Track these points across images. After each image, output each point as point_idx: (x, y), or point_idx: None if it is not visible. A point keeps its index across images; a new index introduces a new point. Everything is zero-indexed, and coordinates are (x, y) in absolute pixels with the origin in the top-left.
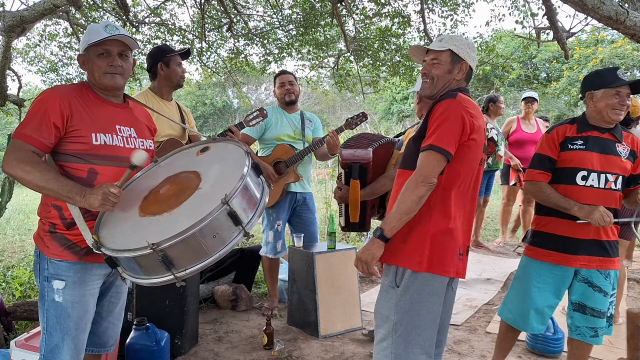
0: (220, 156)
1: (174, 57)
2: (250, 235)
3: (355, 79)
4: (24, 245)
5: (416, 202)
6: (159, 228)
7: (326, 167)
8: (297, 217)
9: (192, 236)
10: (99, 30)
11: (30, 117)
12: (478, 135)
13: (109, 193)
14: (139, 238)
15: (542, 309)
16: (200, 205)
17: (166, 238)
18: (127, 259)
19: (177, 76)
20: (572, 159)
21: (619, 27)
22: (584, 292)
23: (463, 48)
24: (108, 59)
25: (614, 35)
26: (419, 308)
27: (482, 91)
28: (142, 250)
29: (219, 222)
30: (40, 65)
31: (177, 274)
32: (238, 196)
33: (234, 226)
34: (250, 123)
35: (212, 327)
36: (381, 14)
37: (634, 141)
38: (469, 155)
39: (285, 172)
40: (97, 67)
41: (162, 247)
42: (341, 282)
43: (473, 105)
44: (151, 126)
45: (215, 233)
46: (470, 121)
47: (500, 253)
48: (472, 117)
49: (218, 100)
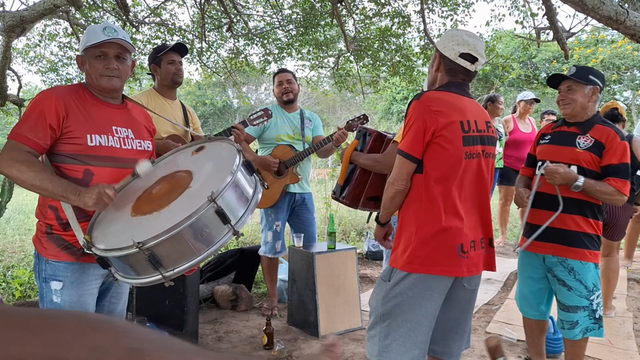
0: (213, 155)
1: (165, 55)
2: (240, 234)
3: (355, 79)
4: (24, 245)
5: (389, 200)
6: (147, 227)
7: (326, 167)
8: (295, 217)
9: (178, 234)
10: (97, 32)
11: (26, 117)
12: (448, 131)
13: (104, 193)
14: (128, 237)
15: (526, 294)
16: (189, 203)
17: (152, 236)
18: (116, 258)
19: (170, 74)
20: (539, 152)
21: (619, 27)
22: (554, 285)
23: (442, 39)
24: (105, 61)
25: (614, 35)
26: (411, 303)
27: (482, 91)
28: (128, 249)
29: (206, 220)
30: (40, 65)
31: (165, 274)
32: (226, 194)
33: (222, 225)
34: (254, 122)
35: (212, 327)
36: (381, 14)
37: (603, 133)
38: (443, 152)
39: (285, 172)
40: (94, 69)
41: (147, 245)
42: (341, 282)
43: (441, 102)
44: (150, 127)
45: (202, 231)
46: (434, 119)
47: (500, 253)
48: (437, 114)
49: (218, 100)
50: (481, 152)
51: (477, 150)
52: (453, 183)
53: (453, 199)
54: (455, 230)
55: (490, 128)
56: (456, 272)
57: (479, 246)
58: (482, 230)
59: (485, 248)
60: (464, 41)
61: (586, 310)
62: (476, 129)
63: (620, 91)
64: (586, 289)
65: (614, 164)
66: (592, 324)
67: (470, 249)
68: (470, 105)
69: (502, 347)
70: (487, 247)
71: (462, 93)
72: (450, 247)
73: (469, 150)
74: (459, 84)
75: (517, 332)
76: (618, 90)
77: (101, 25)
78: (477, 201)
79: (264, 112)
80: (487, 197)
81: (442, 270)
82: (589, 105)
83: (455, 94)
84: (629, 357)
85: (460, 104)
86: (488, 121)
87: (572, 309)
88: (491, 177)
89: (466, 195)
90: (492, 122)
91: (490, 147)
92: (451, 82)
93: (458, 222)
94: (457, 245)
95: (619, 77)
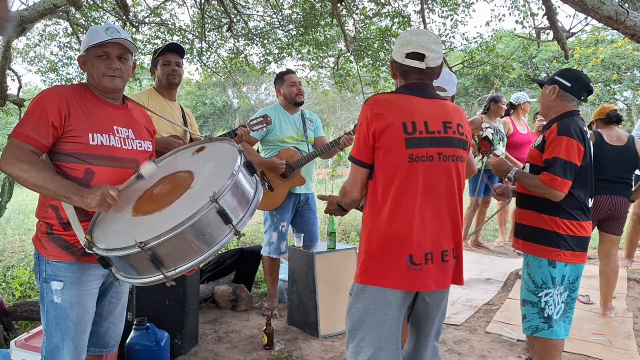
0: (214, 155)
1: (161, 56)
2: (241, 234)
3: (355, 79)
4: (24, 245)
5: (349, 206)
6: (149, 227)
7: (326, 167)
8: (299, 217)
9: (180, 234)
10: (99, 32)
11: (28, 116)
12: (387, 134)
13: (107, 194)
14: (129, 237)
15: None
16: (190, 203)
17: (154, 236)
18: (117, 258)
19: (165, 75)
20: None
21: (619, 27)
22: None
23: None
24: (107, 61)
25: (614, 35)
26: (375, 320)
27: (482, 91)
28: (130, 249)
29: (207, 220)
30: (40, 65)
31: (167, 273)
32: (228, 194)
33: (224, 225)
34: (253, 128)
35: (212, 327)
36: (381, 14)
37: (550, 130)
38: (385, 155)
39: (291, 175)
40: (97, 69)
41: (149, 245)
42: (341, 282)
43: (383, 104)
44: (150, 127)
45: (204, 231)
46: (374, 122)
47: (500, 253)
48: (377, 116)
49: (218, 100)
50: (436, 155)
51: (427, 152)
52: (399, 189)
53: (400, 206)
54: (401, 240)
55: (451, 129)
56: (407, 285)
57: (438, 258)
58: (448, 241)
59: (449, 261)
60: (407, 41)
61: (535, 307)
62: (425, 131)
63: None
64: (534, 284)
65: (546, 158)
66: (541, 322)
67: (426, 261)
68: (423, 105)
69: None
70: (452, 259)
71: (414, 94)
72: (397, 258)
73: (414, 153)
74: (412, 85)
75: (517, 332)
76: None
77: (104, 26)
78: (438, 209)
79: (264, 118)
80: (454, 205)
81: (391, 283)
82: (552, 104)
83: (405, 94)
84: (629, 357)
85: (408, 105)
86: (448, 121)
87: (521, 302)
88: (460, 183)
89: (422, 203)
90: (494, 122)
91: (454, 150)
92: (405, 84)
93: (405, 231)
94: (406, 257)
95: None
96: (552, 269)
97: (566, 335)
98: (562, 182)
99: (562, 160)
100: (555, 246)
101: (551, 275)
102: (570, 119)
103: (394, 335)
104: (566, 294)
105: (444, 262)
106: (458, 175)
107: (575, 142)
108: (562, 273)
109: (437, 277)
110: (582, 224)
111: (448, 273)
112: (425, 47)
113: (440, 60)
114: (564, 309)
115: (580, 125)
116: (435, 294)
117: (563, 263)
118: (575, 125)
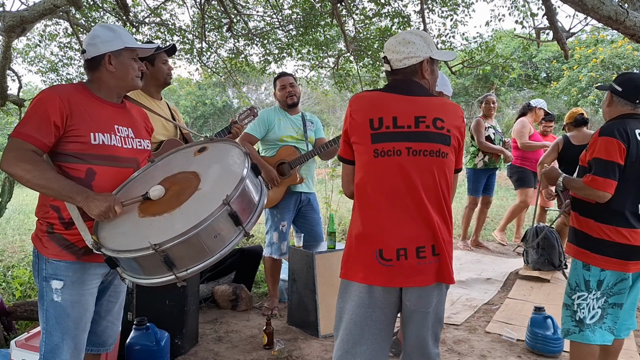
0: (219, 157)
1: (159, 54)
2: (250, 235)
3: (355, 79)
4: (24, 245)
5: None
6: (160, 229)
7: (326, 167)
8: (302, 217)
9: (193, 237)
10: (129, 35)
11: (29, 116)
12: (355, 130)
13: (112, 210)
14: (141, 239)
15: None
16: (201, 206)
17: (168, 239)
18: (127, 259)
19: (163, 74)
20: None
21: (619, 27)
22: None
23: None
24: (137, 63)
25: (614, 35)
26: (343, 315)
27: (482, 91)
28: (144, 251)
29: (220, 222)
30: (41, 66)
31: (178, 274)
32: (238, 197)
33: (235, 227)
34: (243, 122)
35: (212, 327)
36: (381, 14)
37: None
38: (356, 151)
39: (289, 173)
40: (133, 70)
41: (164, 247)
42: None
43: (359, 101)
44: (148, 126)
45: (216, 233)
46: (348, 119)
47: (500, 253)
48: (351, 114)
49: (218, 100)
50: (405, 149)
51: (394, 147)
52: (367, 184)
53: (368, 201)
54: (369, 235)
55: (424, 123)
56: (378, 281)
57: (413, 255)
58: (425, 237)
59: (427, 257)
60: (385, 48)
61: (568, 310)
62: (393, 125)
63: None
64: (569, 286)
65: (588, 160)
66: (572, 325)
67: (398, 257)
68: (398, 102)
69: None
70: (431, 256)
71: (393, 91)
72: (367, 254)
73: (379, 148)
74: (392, 84)
75: (517, 332)
76: None
77: (121, 27)
78: (413, 204)
79: (250, 110)
80: (434, 200)
81: (362, 278)
82: (607, 110)
83: (384, 92)
84: (629, 357)
85: (382, 101)
86: (421, 116)
87: (564, 306)
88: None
89: (391, 198)
90: (491, 122)
91: (429, 145)
92: (387, 83)
93: (374, 225)
94: (375, 251)
95: None
96: (586, 271)
97: (602, 342)
98: (603, 182)
99: (601, 160)
100: (587, 248)
101: (584, 279)
102: (621, 121)
103: (371, 334)
104: (603, 299)
105: (420, 259)
106: (440, 170)
107: (615, 140)
108: (598, 278)
109: (412, 274)
110: (621, 230)
111: (427, 270)
112: (390, 50)
113: (413, 59)
114: (600, 314)
115: (628, 127)
116: (417, 298)
117: (598, 268)
118: (621, 126)
